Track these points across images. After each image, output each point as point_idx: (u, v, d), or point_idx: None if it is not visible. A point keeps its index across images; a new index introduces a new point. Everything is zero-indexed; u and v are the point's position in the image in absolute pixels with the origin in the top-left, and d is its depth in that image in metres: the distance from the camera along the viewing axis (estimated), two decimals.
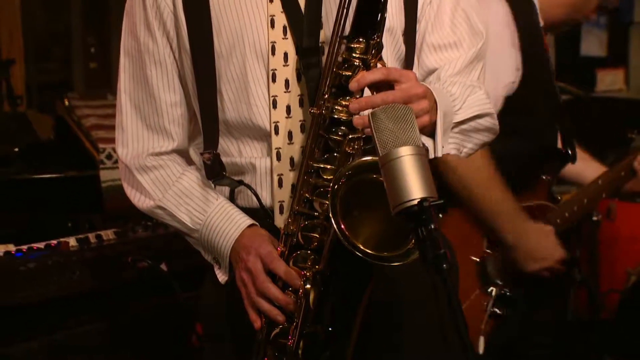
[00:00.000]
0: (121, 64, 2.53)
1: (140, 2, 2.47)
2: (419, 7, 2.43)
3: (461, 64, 2.47)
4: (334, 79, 2.21)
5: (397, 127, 1.95)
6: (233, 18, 2.38)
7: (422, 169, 1.91)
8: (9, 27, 7.39)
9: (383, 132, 1.95)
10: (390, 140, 1.94)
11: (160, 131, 2.51)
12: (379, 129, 1.96)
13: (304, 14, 2.35)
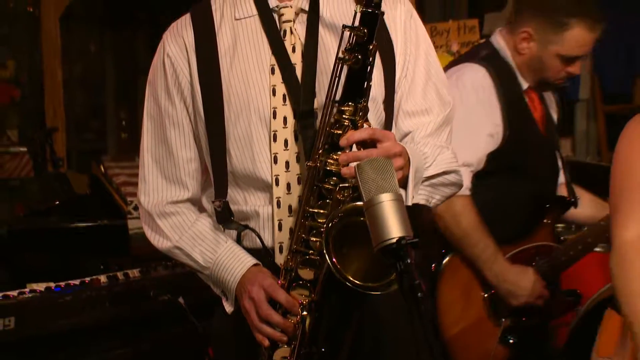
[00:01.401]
0: (144, 126, 2.54)
1: (161, 72, 2.47)
2: (396, 80, 2.44)
3: (432, 127, 2.47)
4: (327, 136, 2.22)
5: (379, 177, 1.96)
6: (240, 87, 2.39)
7: (400, 213, 1.92)
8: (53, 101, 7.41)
9: (367, 181, 1.96)
10: (373, 188, 1.95)
11: (178, 183, 2.50)
12: (364, 178, 1.97)
13: (300, 84, 2.36)
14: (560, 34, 3.41)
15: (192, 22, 2.47)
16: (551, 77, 3.49)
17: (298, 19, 2.41)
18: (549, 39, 3.43)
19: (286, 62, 2.37)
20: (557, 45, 3.43)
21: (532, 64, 3.47)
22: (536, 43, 3.44)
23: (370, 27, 2.20)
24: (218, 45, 2.43)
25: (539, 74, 3.49)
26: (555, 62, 3.45)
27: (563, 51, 3.43)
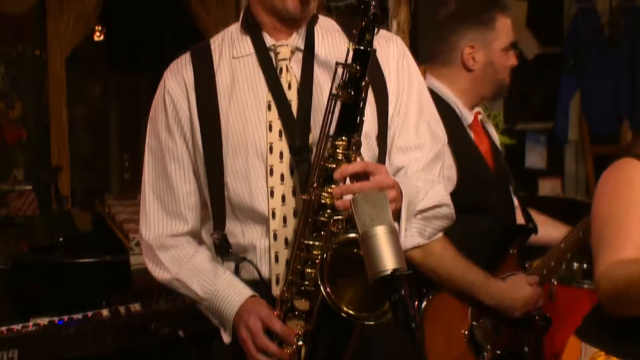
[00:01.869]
0: (145, 160, 2.54)
1: (162, 109, 2.48)
2: (389, 116, 2.45)
3: (424, 162, 2.47)
4: (321, 170, 2.23)
5: (374, 210, 1.97)
6: (238, 123, 2.39)
7: (394, 245, 1.92)
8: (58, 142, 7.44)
9: (362, 214, 1.97)
10: (368, 221, 1.95)
11: (178, 216, 2.50)
12: (359, 211, 1.97)
13: (296, 120, 2.36)
14: (493, 29, 3.43)
15: (192, 61, 2.49)
16: (502, 78, 3.49)
17: (294, 57, 2.42)
18: (488, 39, 3.44)
19: (282, 99, 2.38)
20: (497, 41, 3.44)
21: (486, 72, 3.46)
22: (481, 50, 3.44)
23: (362, 63, 2.21)
24: (217, 82, 2.44)
25: (494, 81, 3.48)
26: (502, 58, 3.46)
27: (503, 43, 3.45)
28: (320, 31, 2.47)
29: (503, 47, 3.43)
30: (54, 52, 7.62)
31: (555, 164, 7.80)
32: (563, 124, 7.67)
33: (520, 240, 3.62)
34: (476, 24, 3.43)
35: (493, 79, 3.45)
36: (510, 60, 3.47)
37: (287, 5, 2.36)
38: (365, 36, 2.21)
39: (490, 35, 3.42)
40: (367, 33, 2.21)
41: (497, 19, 3.42)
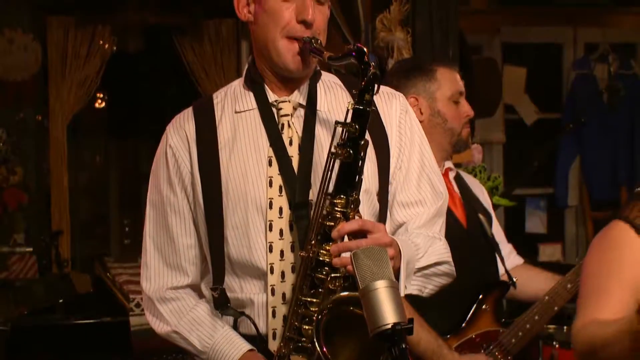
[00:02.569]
0: (147, 214, 2.56)
1: (164, 162, 2.51)
2: (391, 172, 2.47)
3: (425, 218, 2.49)
4: (319, 228, 2.24)
5: (374, 265, 1.98)
6: (239, 177, 2.41)
7: (394, 299, 1.93)
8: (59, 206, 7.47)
9: (362, 268, 1.98)
10: (368, 276, 1.96)
11: (178, 269, 2.51)
12: (359, 266, 1.99)
13: (296, 176, 2.39)
14: (434, 79, 3.48)
15: (194, 115, 2.51)
16: (454, 127, 3.50)
17: (296, 114, 2.45)
18: (430, 89, 3.48)
19: (283, 155, 2.40)
20: (439, 90, 3.48)
21: (434, 122, 3.48)
22: (425, 100, 3.48)
23: (361, 123, 2.24)
24: (218, 136, 2.46)
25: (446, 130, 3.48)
26: (449, 107, 3.49)
27: (447, 92, 3.48)
28: (322, 87, 2.50)
29: (448, 96, 3.47)
30: (55, 118, 7.70)
31: (556, 229, 7.81)
32: (563, 189, 7.70)
33: (495, 296, 3.59)
34: (417, 75, 3.49)
35: (444, 128, 3.47)
36: (463, 110, 3.51)
37: (289, 65, 2.39)
38: (365, 96, 2.24)
39: (432, 85, 3.48)
40: (367, 93, 2.24)
41: (436, 70, 3.49)
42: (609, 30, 7.61)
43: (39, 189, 7.70)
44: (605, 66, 7.47)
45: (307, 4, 2.36)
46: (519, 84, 7.52)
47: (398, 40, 4.75)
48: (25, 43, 7.46)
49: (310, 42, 2.34)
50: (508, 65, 7.47)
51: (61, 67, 7.69)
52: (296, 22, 2.37)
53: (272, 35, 2.39)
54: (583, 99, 7.46)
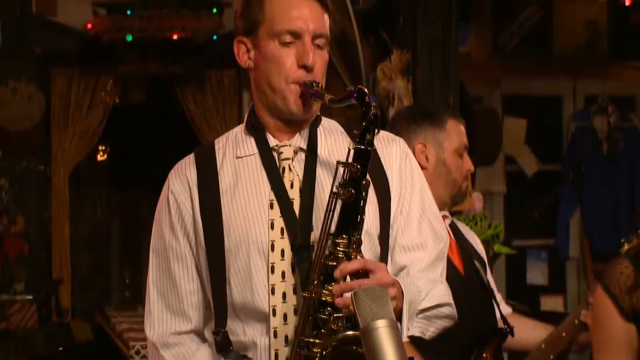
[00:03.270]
0: (150, 261, 2.57)
1: (166, 208, 2.52)
2: (392, 215, 2.48)
3: (426, 262, 2.49)
4: (322, 268, 2.25)
5: (375, 304, 1.98)
6: (240, 221, 2.42)
7: (395, 339, 1.93)
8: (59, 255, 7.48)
9: (363, 308, 1.98)
10: (369, 315, 1.96)
11: (181, 314, 2.51)
12: (360, 305, 1.99)
13: (298, 218, 2.40)
14: (445, 129, 3.49)
15: (196, 161, 2.53)
16: (458, 178, 3.51)
17: (296, 157, 2.47)
18: (439, 138, 3.49)
19: (284, 198, 2.42)
20: (448, 141, 3.49)
21: (439, 171, 3.49)
22: (432, 148, 3.49)
23: (363, 163, 2.26)
24: (220, 181, 2.48)
25: (449, 181, 3.49)
26: (454, 159, 3.50)
27: (454, 144, 3.49)
28: (323, 132, 2.52)
29: (455, 148, 3.49)
30: (57, 168, 7.74)
31: (557, 280, 7.80)
32: (564, 240, 7.70)
33: (493, 344, 3.58)
34: (427, 123, 3.50)
35: (448, 179, 3.48)
36: (466, 164, 3.53)
37: (291, 108, 2.42)
38: (366, 136, 2.27)
39: (441, 135, 3.49)
40: (368, 133, 2.27)
41: (447, 120, 3.50)
42: (609, 83, 7.67)
43: (40, 239, 7.71)
44: (604, 118, 7.52)
45: (307, 49, 2.40)
46: (519, 135, 7.56)
47: (399, 88, 4.80)
48: (28, 93, 7.53)
49: (311, 85, 2.38)
50: (508, 117, 7.51)
51: (64, 117, 7.75)
52: (297, 67, 2.40)
53: (274, 81, 2.42)
54: (583, 150, 7.49)
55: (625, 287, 2.54)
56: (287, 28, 2.40)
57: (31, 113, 7.54)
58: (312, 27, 2.41)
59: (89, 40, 7.63)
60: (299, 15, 2.41)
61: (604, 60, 7.71)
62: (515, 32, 7.56)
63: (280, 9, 2.42)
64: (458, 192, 3.53)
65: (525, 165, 7.66)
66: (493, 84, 7.52)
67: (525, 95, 7.75)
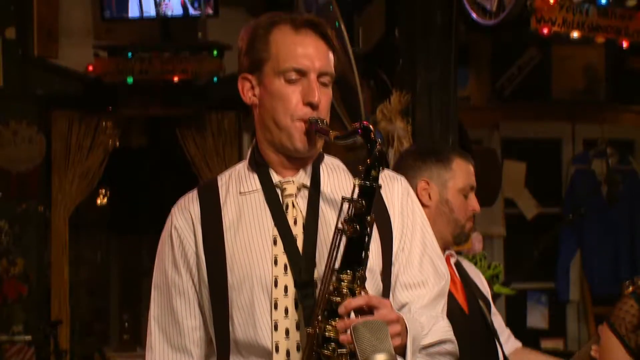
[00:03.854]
0: (152, 297, 2.56)
1: (169, 244, 2.53)
2: (394, 253, 2.49)
3: (427, 299, 2.50)
4: (326, 304, 2.26)
5: (374, 337, 2.00)
6: (244, 257, 2.43)
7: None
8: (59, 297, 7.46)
9: (362, 341, 2.00)
10: (368, 349, 1.98)
11: (183, 351, 2.50)
12: (359, 338, 2.01)
13: (301, 254, 2.40)
14: (450, 168, 3.49)
15: (199, 196, 2.54)
16: (459, 218, 3.50)
17: (300, 194, 2.48)
18: (444, 177, 3.49)
19: (288, 234, 2.42)
20: (452, 180, 3.48)
21: (441, 210, 3.48)
22: (436, 186, 3.49)
23: (368, 199, 2.28)
24: (223, 217, 2.48)
25: (450, 220, 3.49)
26: (458, 198, 3.49)
27: (459, 183, 3.48)
28: (326, 169, 2.53)
29: (459, 188, 3.49)
30: (57, 210, 7.75)
31: (557, 324, 7.79)
32: (564, 284, 7.71)
33: None
34: (433, 160, 3.50)
35: (449, 218, 3.48)
36: (471, 205, 3.52)
37: (297, 145, 2.44)
38: (371, 173, 2.28)
39: (446, 173, 3.49)
40: (373, 170, 2.29)
41: (453, 160, 3.51)
42: (607, 127, 7.72)
43: (40, 281, 7.70)
44: (603, 161, 7.55)
45: (313, 87, 2.42)
46: (518, 179, 7.59)
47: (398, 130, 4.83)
48: (29, 135, 7.56)
49: (316, 122, 2.39)
50: (508, 160, 7.54)
51: (64, 159, 7.77)
52: (302, 104, 2.42)
53: (279, 118, 2.44)
54: (582, 193, 7.51)
55: (631, 325, 2.56)
56: (293, 66, 2.43)
57: (32, 155, 7.57)
58: (318, 65, 2.44)
59: (90, 83, 7.68)
60: (305, 53, 2.43)
61: (602, 104, 7.76)
62: (513, 77, 7.61)
63: (286, 47, 2.44)
64: (461, 232, 3.52)
65: (525, 209, 7.68)
66: (492, 128, 7.57)
67: (525, 138, 7.81)
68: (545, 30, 4.50)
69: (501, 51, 7.56)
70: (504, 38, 7.24)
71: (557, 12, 4.52)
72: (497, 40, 7.40)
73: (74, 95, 7.82)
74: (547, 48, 7.59)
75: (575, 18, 4.58)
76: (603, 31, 4.65)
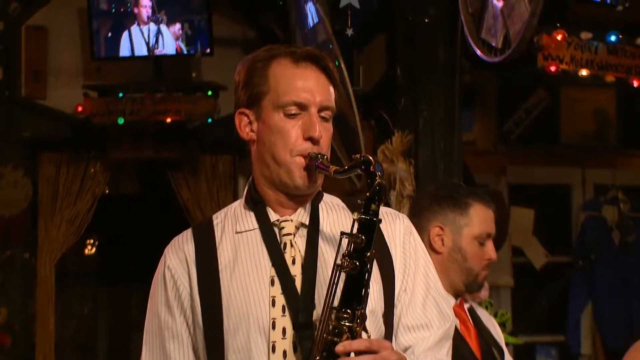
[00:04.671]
0: (144, 341, 2.56)
1: (162, 285, 2.54)
2: (396, 294, 2.50)
3: (432, 342, 2.51)
4: (324, 344, 2.27)
5: None
6: (240, 298, 2.44)
7: None
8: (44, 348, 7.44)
9: None
10: None
11: None
12: None
13: (300, 295, 2.42)
14: (467, 214, 3.47)
15: (194, 236, 2.56)
16: (472, 267, 3.49)
17: (298, 233, 2.49)
18: (459, 224, 3.48)
19: (286, 274, 2.44)
20: (468, 227, 3.47)
21: (454, 257, 3.47)
22: (450, 232, 3.47)
23: (367, 234, 2.30)
24: (218, 257, 2.50)
25: (463, 269, 3.47)
26: (472, 246, 3.48)
27: (476, 231, 3.47)
28: (325, 208, 2.56)
29: (475, 235, 3.48)
30: (43, 256, 7.75)
31: None
32: (575, 337, 7.67)
33: None
34: (449, 205, 3.50)
35: (462, 267, 3.48)
36: (487, 253, 3.52)
37: (296, 181, 2.46)
38: (371, 206, 2.31)
39: (462, 220, 3.48)
40: (373, 203, 2.31)
41: (471, 205, 3.50)
42: (619, 172, 7.74)
43: (24, 332, 7.68)
44: (615, 208, 7.55)
45: (313, 121, 2.45)
46: (526, 226, 7.59)
47: (400, 171, 4.85)
48: (15, 179, 7.57)
49: (316, 157, 2.42)
50: (515, 207, 7.55)
51: (51, 203, 7.79)
52: (303, 139, 2.45)
53: (279, 153, 2.46)
54: (593, 241, 7.50)
55: None
56: (293, 99, 2.45)
57: (17, 200, 7.58)
58: (319, 99, 2.46)
59: (78, 124, 7.72)
60: (305, 87, 2.46)
61: (613, 148, 7.80)
62: (521, 120, 7.66)
63: (286, 80, 2.47)
64: (474, 280, 3.52)
65: (534, 258, 7.67)
66: (499, 172, 7.58)
67: (533, 184, 7.81)
68: (553, 68, 4.54)
69: (508, 93, 7.61)
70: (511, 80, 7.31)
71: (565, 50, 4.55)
72: (503, 82, 7.45)
73: (62, 137, 7.87)
74: (556, 90, 7.64)
75: (584, 56, 4.62)
76: (613, 70, 4.69)
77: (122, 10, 7.66)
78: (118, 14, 7.66)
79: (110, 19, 7.66)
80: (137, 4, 7.61)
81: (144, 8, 7.61)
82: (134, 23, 7.64)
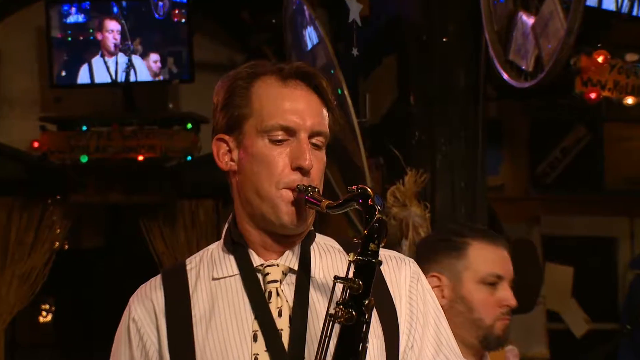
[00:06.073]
0: None
1: (126, 340, 2.53)
2: (401, 351, 2.50)
3: None
4: None
5: None
6: (217, 356, 2.43)
7: None
8: None
9: None
10: None
11: None
12: None
13: (287, 353, 2.41)
14: (464, 256, 3.39)
15: (163, 283, 2.56)
16: (486, 317, 3.40)
17: (286, 280, 2.49)
18: (456, 269, 3.38)
19: (271, 328, 2.44)
20: (468, 271, 3.36)
21: (457, 310, 3.38)
22: (448, 281, 3.41)
23: (365, 278, 2.28)
24: (192, 308, 2.49)
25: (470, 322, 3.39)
26: (480, 292, 3.38)
27: (478, 274, 3.39)
28: (317, 250, 2.55)
29: (478, 279, 3.39)
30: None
31: None
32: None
33: None
34: (443, 249, 3.44)
35: (468, 318, 3.41)
36: (501, 296, 3.41)
37: (282, 219, 2.45)
38: (369, 246, 2.30)
39: (459, 263, 3.41)
40: (372, 242, 2.30)
41: (469, 244, 3.42)
42: None
43: None
44: None
45: (303, 149, 2.44)
46: (564, 286, 7.60)
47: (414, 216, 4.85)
48: None
49: (306, 190, 2.42)
50: (550, 263, 7.56)
51: (1, 258, 7.78)
52: (290, 169, 2.45)
53: (262, 186, 2.46)
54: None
55: None
56: (280, 123, 2.45)
57: None
58: (310, 123, 2.47)
59: (34, 163, 7.73)
60: (294, 109, 2.47)
61: None
62: (557, 161, 7.68)
63: (271, 101, 2.48)
64: (489, 333, 3.41)
65: (573, 324, 7.68)
66: (532, 223, 7.60)
67: (571, 236, 7.82)
68: (593, 95, 4.54)
69: (541, 129, 7.64)
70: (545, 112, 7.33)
71: (607, 74, 4.56)
72: (536, 115, 7.48)
73: (15, 178, 7.87)
74: (598, 126, 7.67)
75: (629, 81, 4.62)
76: None
77: (82, 38, 7.68)
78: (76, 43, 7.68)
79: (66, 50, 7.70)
80: (101, 29, 7.65)
81: (110, 33, 7.65)
82: (97, 54, 7.67)
